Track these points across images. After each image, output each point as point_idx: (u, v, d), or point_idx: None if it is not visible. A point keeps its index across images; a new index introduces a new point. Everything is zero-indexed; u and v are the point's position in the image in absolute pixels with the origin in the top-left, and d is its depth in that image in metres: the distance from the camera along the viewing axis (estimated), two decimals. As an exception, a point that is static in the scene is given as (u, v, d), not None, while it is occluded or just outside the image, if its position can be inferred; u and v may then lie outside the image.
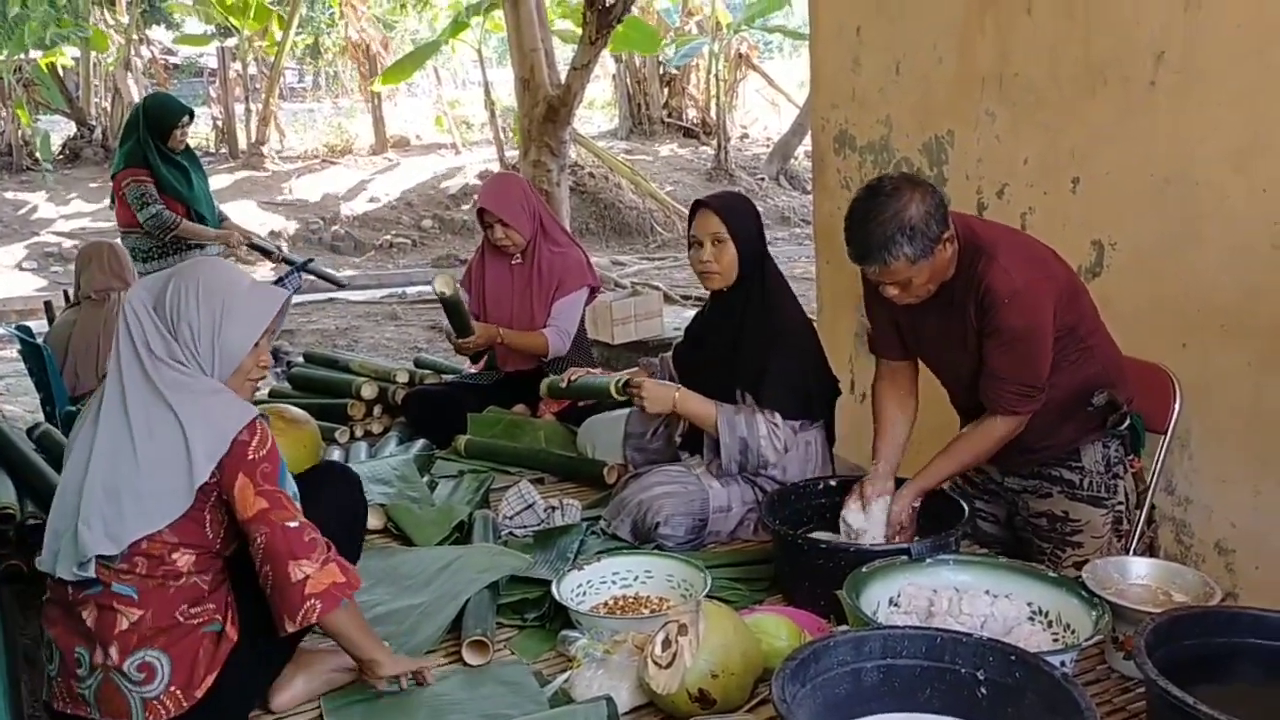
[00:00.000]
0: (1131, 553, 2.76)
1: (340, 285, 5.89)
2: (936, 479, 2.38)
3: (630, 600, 2.35)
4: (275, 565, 1.84)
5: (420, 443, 3.49)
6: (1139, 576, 2.08)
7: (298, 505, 1.91)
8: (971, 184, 3.54)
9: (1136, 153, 2.94)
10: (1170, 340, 2.90)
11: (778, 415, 2.62)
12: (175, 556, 1.87)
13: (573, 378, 2.96)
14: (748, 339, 2.67)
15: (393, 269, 11.20)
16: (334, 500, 2.15)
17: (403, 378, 3.93)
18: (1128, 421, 2.42)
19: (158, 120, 4.61)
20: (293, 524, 1.86)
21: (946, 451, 2.40)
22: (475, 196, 11.83)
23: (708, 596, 2.18)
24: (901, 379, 2.53)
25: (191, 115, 4.79)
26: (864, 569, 2.08)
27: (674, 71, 14.67)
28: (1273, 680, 1.75)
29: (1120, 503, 2.48)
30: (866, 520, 2.38)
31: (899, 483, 2.44)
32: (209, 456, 1.83)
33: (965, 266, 2.25)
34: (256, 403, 3.77)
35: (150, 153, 4.56)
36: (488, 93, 12.79)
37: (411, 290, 9.87)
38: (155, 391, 1.85)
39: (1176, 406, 2.82)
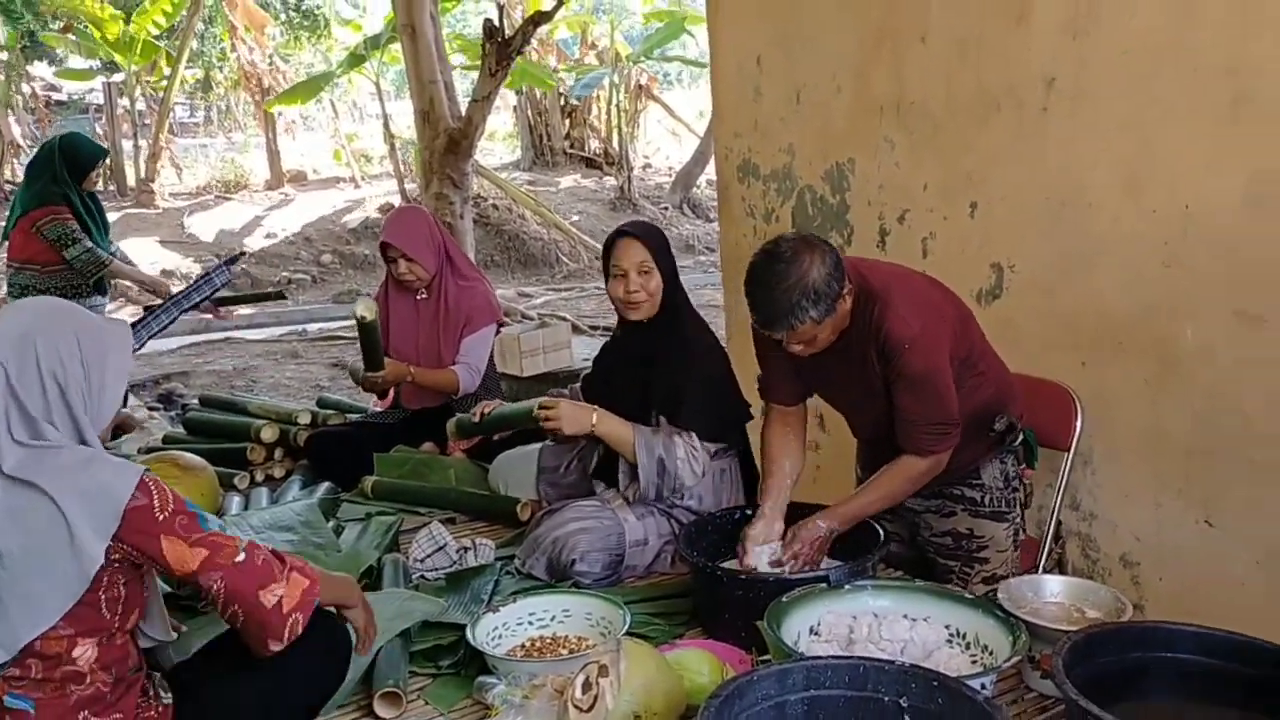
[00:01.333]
0: (1041, 569, 2.81)
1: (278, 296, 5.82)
2: (856, 512, 2.38)
3: (548, 641, 2.29)
4: (245, 603, 1.76)
5: (324, 486, 3.37)
6: (1052, 594, 2.10)
7: (228, 533, 1.81)
8: (874, 210, 3.59)
9: (1031, 177, 3.01)
10: (1070, 359, 2.97)
11: (695, 437, 2.60)
12: (75, 653, 1.71)
13: (486, 410, 2.90)
14: (662, 363, 2.66)
15: (292, 306, 10.94)
16: (313, 661, 1.95)
17: (305, 419, 3.80)
18: (1021, 437, 2.49)
19: (75, 160, 4.55)
20: (241, 557, 1.77)
21: (866, 489, 2.41)
22: (377, 230, 11.71)
23: (627, 634, 2.14)
24: (792, 424, 2.56)
25: (107, 155, 4.72)
26: (784, 599, 2.06)
27: (575, 103, 14.71)
28: (1186, 695, 1.77)
29: (1018, 515, 2.54)
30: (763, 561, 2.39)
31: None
32: (99, 535, 1.67)
33: (860, 313, 2.29)
34: (149, 450, 3.66)
35: (71, 193, 4.49)
36: (386, 126, 12.66)
37: (313, 327, 9.66)
38: (11, 480, 1.67)
39: (1078, 424, 2.89)
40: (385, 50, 11.70)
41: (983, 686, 1.78)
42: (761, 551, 2.38)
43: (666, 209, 13.31)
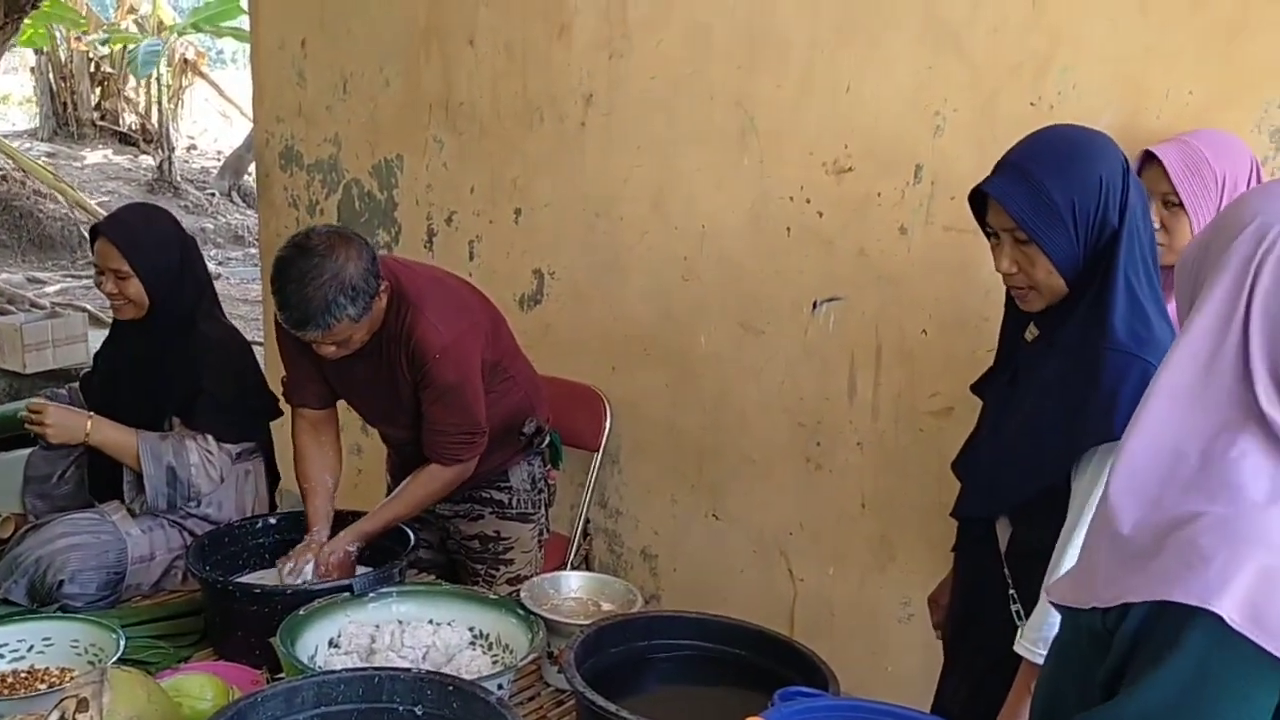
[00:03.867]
0: (569, 567, 2.91)
1: None
2: (380, 526, 2.30)
3: (23, 676, 1.98)
4: None
5: None
6: (572, 590, 2.16)
7: None
8: (422, 209, 3.55)
9: (571, 187, 3.12)
10: (602, 363, 3.12)
11: (211, 440, 2.39)
12: None
13: None
14: (172, 360, 2.41)
15: None
16: None
17: None
18: (547, 439, 2.57)
19: None
20: None
21: (393, 500, 2.34)
22: None
23: (122, 661, 1.90)
24: (324, 429, 2.44)
25: None
26: (301, 611, 1.94)
27: (108, 70, 13.24)
28: (683, 676, 1.90)
29: (543, 516, 2.61)
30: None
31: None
32: None
33: (393, 317, 2.23)
34: None
35: None
36: None
37: None
38: None
39: (607, 425, 3.04)
40: None
41: (499, 686, 1.78)
42: (298, 575, 2.25)
43: (213, 195, 12.37)
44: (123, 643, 1.98)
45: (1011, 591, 1.71)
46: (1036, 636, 1.56)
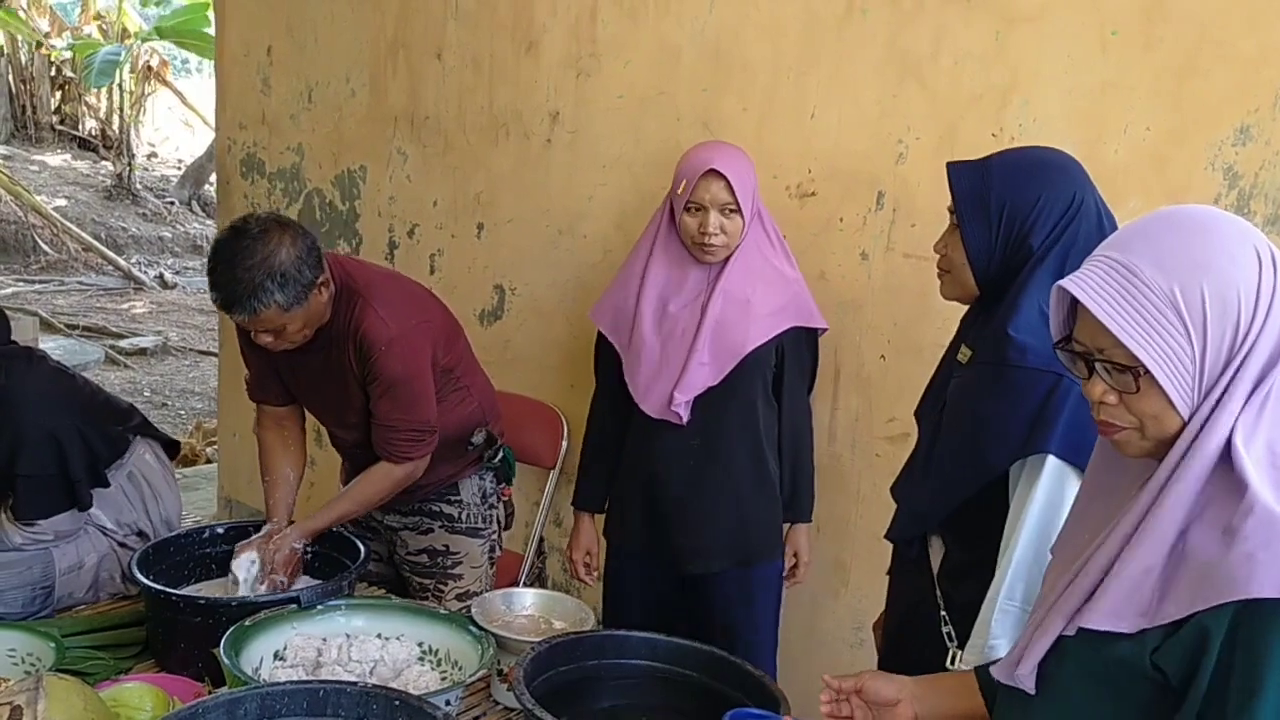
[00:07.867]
0: (522, 584, 2.89)
1: None
2: (327, 523, 2.27)
3: (-47, 686, 1.92)
4: None
5: None
6: (524, 607, 2.15)
7: None
8: (384, 221, 3.53)
9: (535, 204, 3.12)
10: (561, 382, 3.11)
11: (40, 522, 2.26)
12: None
13: None
14: None
15: None
16: None
17: None
18: (501, 455, 2.55)
19: None
20: None
21: (343, 496, 2.31)
22: None
23: (60, 670, 1.86)
24: (288, 426, 2.41)
25: None
26: (247, 622, 1.90)
27: (69, 75, 13.08)
28: (633, 696, 1.89)
29: (494, 531, 2.58)
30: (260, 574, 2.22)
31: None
32: None
33: (340, 311, 2.20)
34: None
35: None
36: None
37: None
38: None
39: (564, 444, 3.03)
40: None
41: (447, 703, 1.76)
42: (249, 561, 2.21)
43: (173, 204, 12.24)
44: (61, 653, 1.93)
45: (943, 613, 1.71)
46: (975, 657, 1.57)
